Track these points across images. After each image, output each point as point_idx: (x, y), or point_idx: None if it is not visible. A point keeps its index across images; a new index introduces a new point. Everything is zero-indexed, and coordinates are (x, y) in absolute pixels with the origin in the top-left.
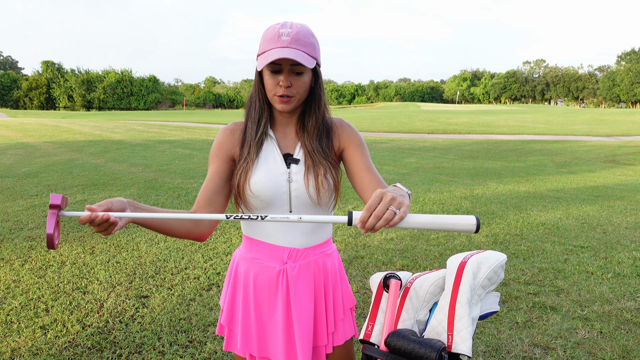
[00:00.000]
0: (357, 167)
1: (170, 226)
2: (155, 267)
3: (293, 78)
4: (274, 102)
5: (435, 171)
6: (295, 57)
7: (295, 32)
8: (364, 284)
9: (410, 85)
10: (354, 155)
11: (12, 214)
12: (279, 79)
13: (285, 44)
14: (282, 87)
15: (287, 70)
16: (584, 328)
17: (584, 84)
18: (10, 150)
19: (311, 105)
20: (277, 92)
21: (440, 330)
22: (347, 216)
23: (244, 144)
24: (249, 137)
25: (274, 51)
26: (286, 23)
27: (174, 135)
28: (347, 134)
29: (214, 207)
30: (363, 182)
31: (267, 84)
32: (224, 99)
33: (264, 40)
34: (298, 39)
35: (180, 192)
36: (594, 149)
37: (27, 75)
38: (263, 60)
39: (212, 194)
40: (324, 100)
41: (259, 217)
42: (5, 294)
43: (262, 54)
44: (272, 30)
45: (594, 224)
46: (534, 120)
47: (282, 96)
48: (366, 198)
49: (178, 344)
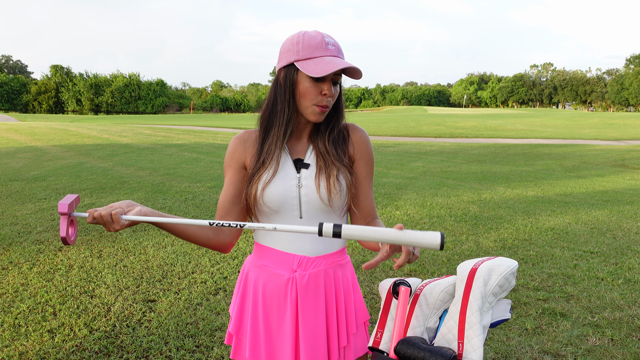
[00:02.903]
0: (360, 187)
1: (188, 231)
2: (162, 271)
3: (333, 88)
4: (309, 111)
5: (442, 175)
6: (355, 65)
7: (336, 43)
8: (371, 289)
9: (417, 88)
10: (359, 173)
11: (21, 217)
12: (322, 88)
13: (335, 53)
14: (325, 97)
15: (330, 80)
16: (595, 335)
17: (592, 87)
18: (20, 153)
19: (334, 112)
20: (320, 101)
21: (450, 338)
22: (318, 227)
23: (261, 152)
24: (271, 147)
25: (329, 59)
26: (323, 33)
27: (181, 138)
28: (361, 146)
29: (233, 217)
30: (359, 204)
31: (306, 93)
32: (231, 103)
33: (306, 47)
34: (340, 50)
35: (187, 195)
36: (602, 153)
37: (36, 80)
38: (320, 68)
39: (228, 204)
40: (344, 109)
41: (238, 224)
42: (14, 297)
43: (307, 59)
44: (313, 38)
45: (603, 229)
46: (541, 124)
47: (323, 106)
48: (353, 219)
49: (185, 349)
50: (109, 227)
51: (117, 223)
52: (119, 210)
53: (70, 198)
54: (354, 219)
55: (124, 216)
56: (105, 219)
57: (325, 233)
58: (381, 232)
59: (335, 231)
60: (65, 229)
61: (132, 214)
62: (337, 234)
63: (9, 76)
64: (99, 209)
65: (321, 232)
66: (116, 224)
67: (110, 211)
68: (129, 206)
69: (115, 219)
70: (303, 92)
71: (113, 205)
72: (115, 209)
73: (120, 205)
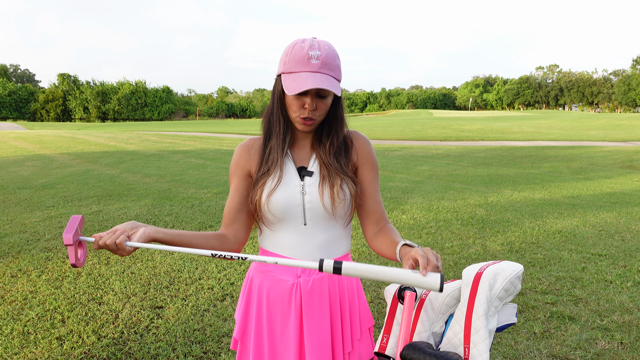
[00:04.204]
0: (366, 191)
1: (193, 244)
2: (169, 278)
3: (317, 101)
4: (295, 122)
5: (449, 179)
6: (328, 86)
7: (324, 55)
8: (377, 293)
9: (422, 92)
10: (365, 178)
11: (29, 225)
12: (304, 101)
13: (316, 69)
14: (307, 110)
15: (313, 94)
16: (604, 339)
17: (598, 88)
18: (28, 162)
19: (332, 124)
20: (301, 114)
21: (456, 343)
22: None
23: (263, 161)
24: (272, 155)
25: (305, 76)
26: (313, 43)
27: (187, 145)
28: (364, 152)
29: (239, 224)
30: (369, 208)
31: (290, 105)
32: (236, 109)
33: (291, 60)
34: (327, 63)
35: (194, 202)
36: (610, 155)
37: (43, 88)
38: (294, 85)
39: (234, 212)
40: (345, 119)
41: (240, 257)
42: (23, 304)
43: (289, 73)
44: (299, 51)
45: (612, 232)
46: (548, 126)
47: (306, 119)
48: (364, 224)
49: (192, 355)
50: (116, 253)
51: (124, 250)
52: (123, 237)
53: (74, 223)
54: (366, 225)
55: (128, 243)
56: (111, 248)
57: (326, 269)
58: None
59: (335, 267)
60: (74, 257)
61: (136, 236)
62: (338, 269)
63: (17, 85)
64: (104, 237)
65: (321, 269)
66: (122, 251)
67: (114, 240)
68: (133, 228)
69: (120, 247)
70: (288, 103)
71: (117, 228)
72: (119, 234)
73: (124, 228)
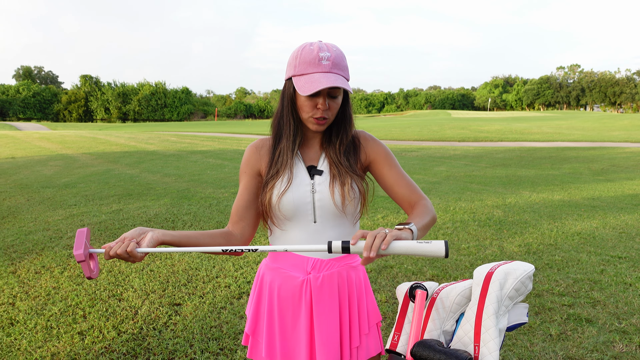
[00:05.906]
0: (388, 182)
1: (200, 244)
2: (187, 275)
3: (329, 101)
4: (308, 122)
5: (466, 180)
6: (341, 84)
7: (334, 56)
8: (392, 294)
9: (440, 92)
10: (382, 169)
11: (53, 223)
12: (317, 102)
13: (327, 69)
14: (320, 110)
15: (325, 94)
16: (622, 342)
17: (621, 88)
18: (51, 161)
19: (341, 123)
20: (314, 114)
21: (466, 341)
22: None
23: (272, 162)
24: (282, 156)
25: (318, 76)
26: (322, 46)
27: (205, 145)
28: (372, 147)
29: (246, 222)
30: (397, 196)
31: (302, 105)
32: (254, 109)
33: (302, 62)
34: (337, 64)
35: (211, 201)
36: (632, 156)
37: (66, 89)
38: (308, 86)
39: (242, 209)
40: (353, 118)
41: (251, 249)
42: (46, 300)
43: (300, 75)
44: (309, 53)
45: (632, 234)
46: (568, 127)
47: (319, 118)
48: (404, 209)
49: (209, 352)
50: (128, 261)
51: (135, 257)
52: (132, 244)
53: (82, 238)
54: (405, 209)
55: (139, 249)
56: (123, 257)
57: (335, 250)
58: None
59: (344, 246)
60: (88, 270)
61: (145, 241)
62: (346, 248)
63: (41, 86)
64: (114, 247)
65: (330, 250)
66: (134, 258)
67: (124, 248)
68: (141, 234)
69: (132, 255)
70: (300, 105)
71: (125, 236)
72: (128, 242)
73: (132, 236)
